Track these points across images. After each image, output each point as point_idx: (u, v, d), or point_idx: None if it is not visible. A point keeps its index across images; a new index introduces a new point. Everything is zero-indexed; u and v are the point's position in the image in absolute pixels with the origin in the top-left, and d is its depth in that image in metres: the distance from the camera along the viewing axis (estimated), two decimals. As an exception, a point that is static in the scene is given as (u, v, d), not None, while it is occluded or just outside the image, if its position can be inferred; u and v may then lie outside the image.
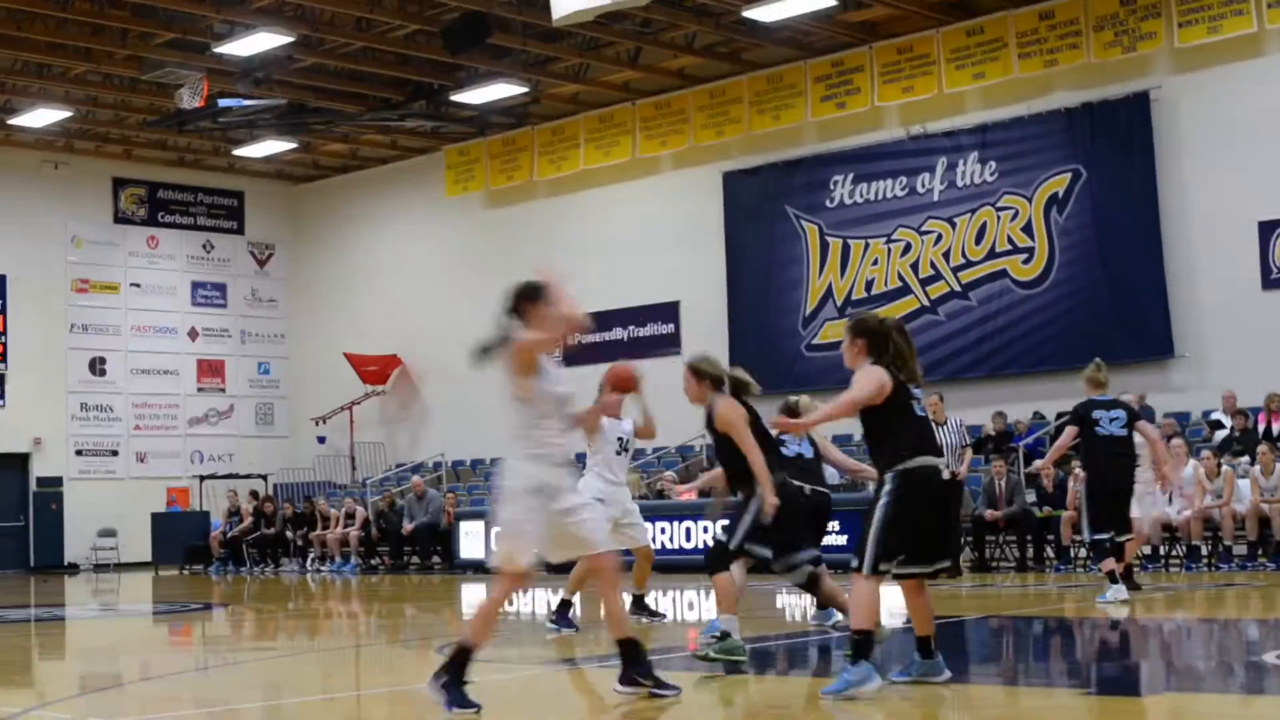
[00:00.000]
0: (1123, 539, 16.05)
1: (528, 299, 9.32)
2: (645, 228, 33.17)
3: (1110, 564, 15.56)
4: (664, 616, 15.57)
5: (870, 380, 9.45)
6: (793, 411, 11.90)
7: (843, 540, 19.97)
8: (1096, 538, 15.76)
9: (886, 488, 9.23)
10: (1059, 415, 26.48)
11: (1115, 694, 9.01)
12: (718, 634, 10.89)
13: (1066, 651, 12.53)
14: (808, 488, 12.64)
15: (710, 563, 11.28)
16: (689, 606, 18.53)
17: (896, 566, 9.22)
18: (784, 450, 12.61)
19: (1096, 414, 15.97)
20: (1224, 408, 24.15)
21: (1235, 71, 26.02)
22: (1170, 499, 21.32)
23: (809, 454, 13.21)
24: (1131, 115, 26.75)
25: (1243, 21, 25.45)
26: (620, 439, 14.71)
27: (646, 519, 25.15)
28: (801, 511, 11.96)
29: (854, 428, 19.28)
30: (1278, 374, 24.10)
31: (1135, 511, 16.88)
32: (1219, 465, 21.72)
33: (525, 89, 32.15)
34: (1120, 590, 15.21)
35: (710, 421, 11.34)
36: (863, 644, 9.10)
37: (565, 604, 14.25)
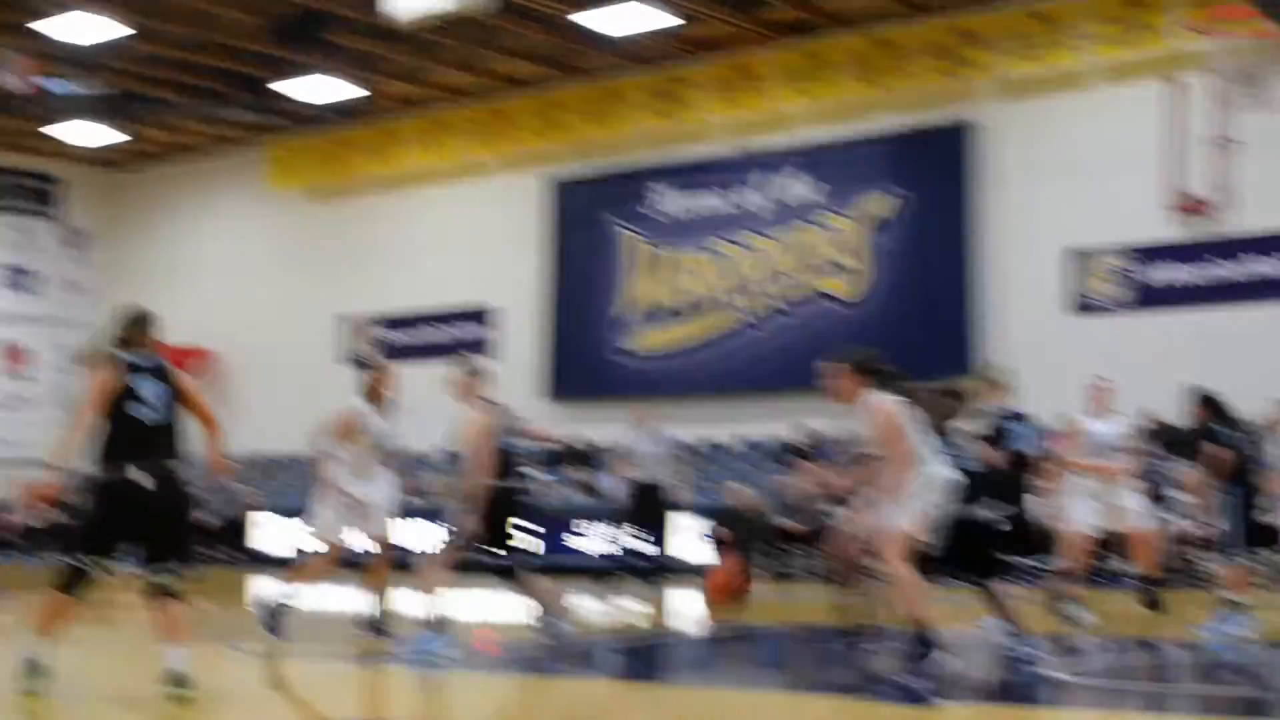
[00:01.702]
0: None
1: None
2: (467, 230, 33.05)
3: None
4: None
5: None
6: None
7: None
8: None
9: None
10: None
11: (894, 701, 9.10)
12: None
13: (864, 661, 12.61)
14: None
15: None
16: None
17: None
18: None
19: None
20: (1028, 431, 24.54)
21: (1056, 104, 26.60)
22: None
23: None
24: (954, 141, 27.23)
25: (1065, 56, 26.03)
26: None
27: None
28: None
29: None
30: (1079, 399, 24.52)
31: None
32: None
33: (356, 86, 31.88)
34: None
35: None
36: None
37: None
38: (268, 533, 28.06)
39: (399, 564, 13.38)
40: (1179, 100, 25.29)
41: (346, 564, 13.37)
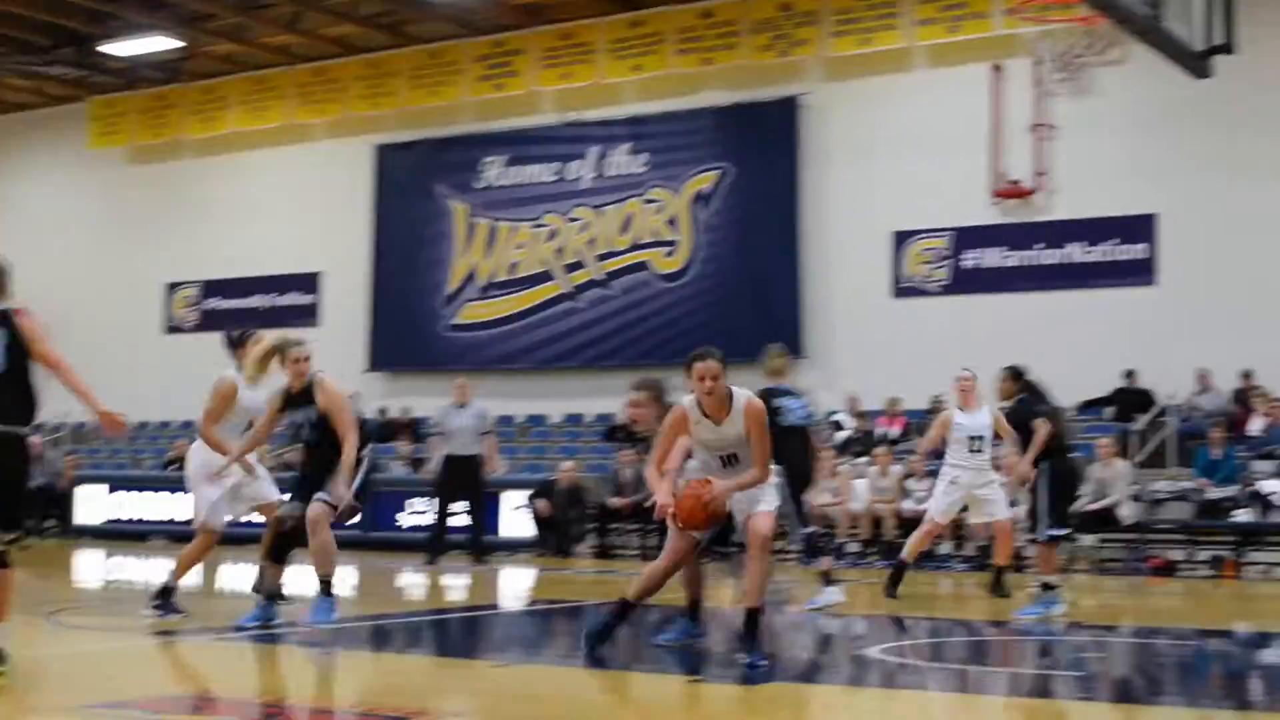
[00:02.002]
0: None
1: None
2: (293, 196, 32.56)
3: (827, 563, 14.37)
4: None
5: None
6: None
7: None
8: (805, 531, 14.73)
9: None
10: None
11: (726, 683, 9.09)
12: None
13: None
14: None
15: None
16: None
17: None
18: None
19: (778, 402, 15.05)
20: (847, 409, 24.80)
21: (882, 84, 26.81)
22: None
23: None
24: (781, 118, 27.33)
25: (892, 37, 26.26)
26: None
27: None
28: None
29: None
30: (900, 379, 24.90)
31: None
32: (838, 465, 22.24)
33: (179, 44, 31.26)
34: (835, 593, 13.90)
35: None
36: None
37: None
38: (86, 502, 27.44)
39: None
40: (1002, 85, 25.64)
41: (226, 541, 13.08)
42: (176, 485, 26.11)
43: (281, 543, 11.49)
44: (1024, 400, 13.98)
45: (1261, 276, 23.61)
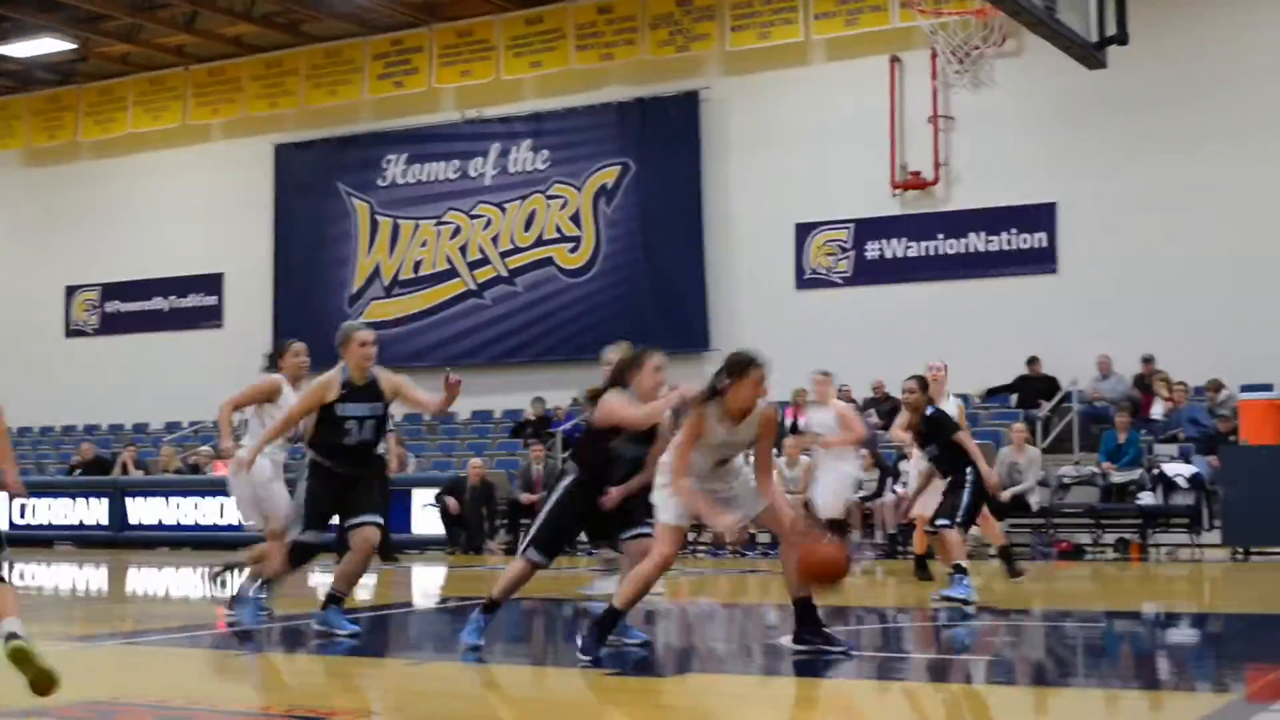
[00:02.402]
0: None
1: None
2: (193, 196, 32.29)
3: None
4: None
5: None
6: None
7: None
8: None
9: None
10: (598, 403, 26.90)
11: (640, 675, 9.11)
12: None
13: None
14: None
15: None
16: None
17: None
18: None
19: None
20: (754, 401, 24.89)
21: (781, 78, 26.95)
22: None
23: None
24: (681, 113, 27.43)
25: (791, 30, 26.39)
26: None
27: (179, 494, 24.79)
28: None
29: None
30: (805, 370, 24.95)
31: None
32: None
33: (73, 45, 30.95)
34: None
35: None
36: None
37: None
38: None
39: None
40: (900, 77, 25.86)
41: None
42: (82, 491, 26.01)
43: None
44: (940, 412, 13.93)
45: (1158, 263, 23.94)
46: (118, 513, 25.35)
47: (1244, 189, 23.61)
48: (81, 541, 25.65)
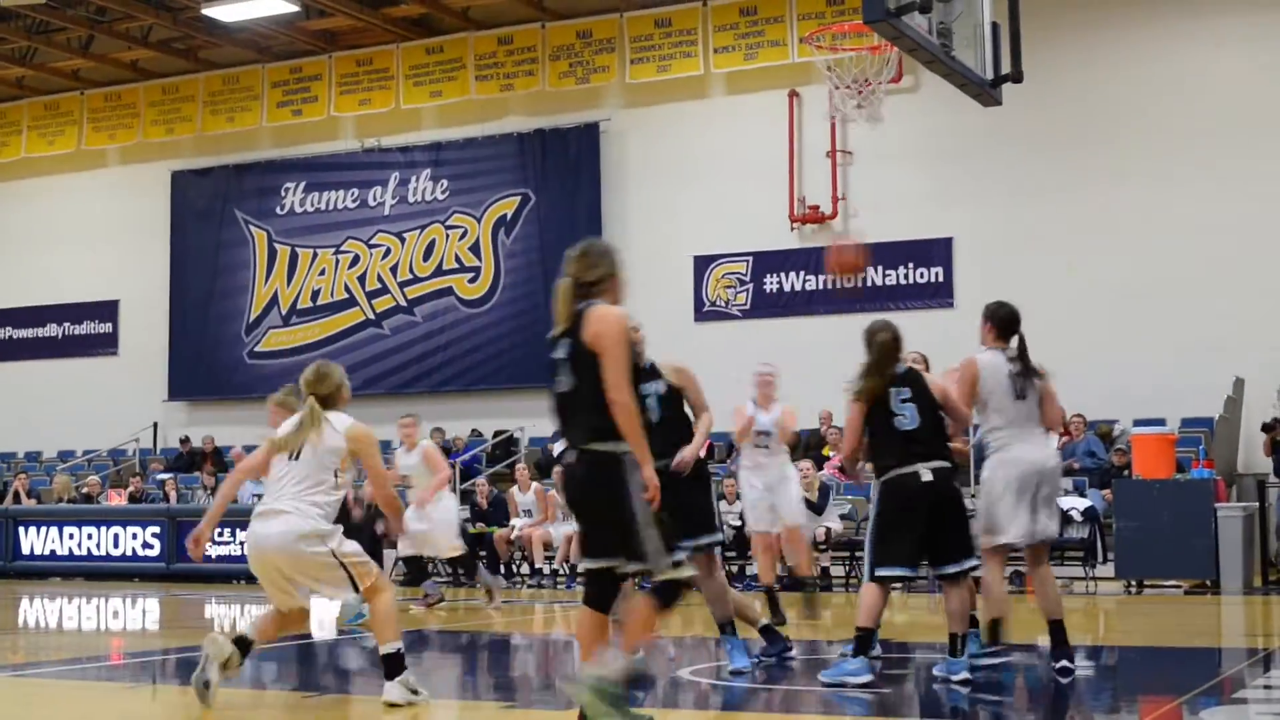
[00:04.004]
0: None
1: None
2: (88, 223, 31.94)
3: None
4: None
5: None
6: None
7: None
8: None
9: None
10: (496, 434, 26.92)
11: (543, 708, 9.09)
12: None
13: (497, 666, 12.60)
14: None
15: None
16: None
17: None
18: None
19: None
20: (652, 432, 24.89)
21: (681, 111, 27.06)
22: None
23: None
24: (581, 144, 27.48)
25: (690, 64, 26.50)
26: None
27: (73, 524, 24.46)
28: None
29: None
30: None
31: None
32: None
33: (-37, 67, 30.61)
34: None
35: None
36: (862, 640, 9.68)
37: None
38: None
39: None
40: (799, 112, 26.04)
41: None
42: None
43: None
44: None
45: (1053, 297, 24.13)
46: (9, 542, 24.98)
47: (1136, 225, 23.95)
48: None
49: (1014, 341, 10.57)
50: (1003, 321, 10.55)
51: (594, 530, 7.63)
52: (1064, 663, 10.02)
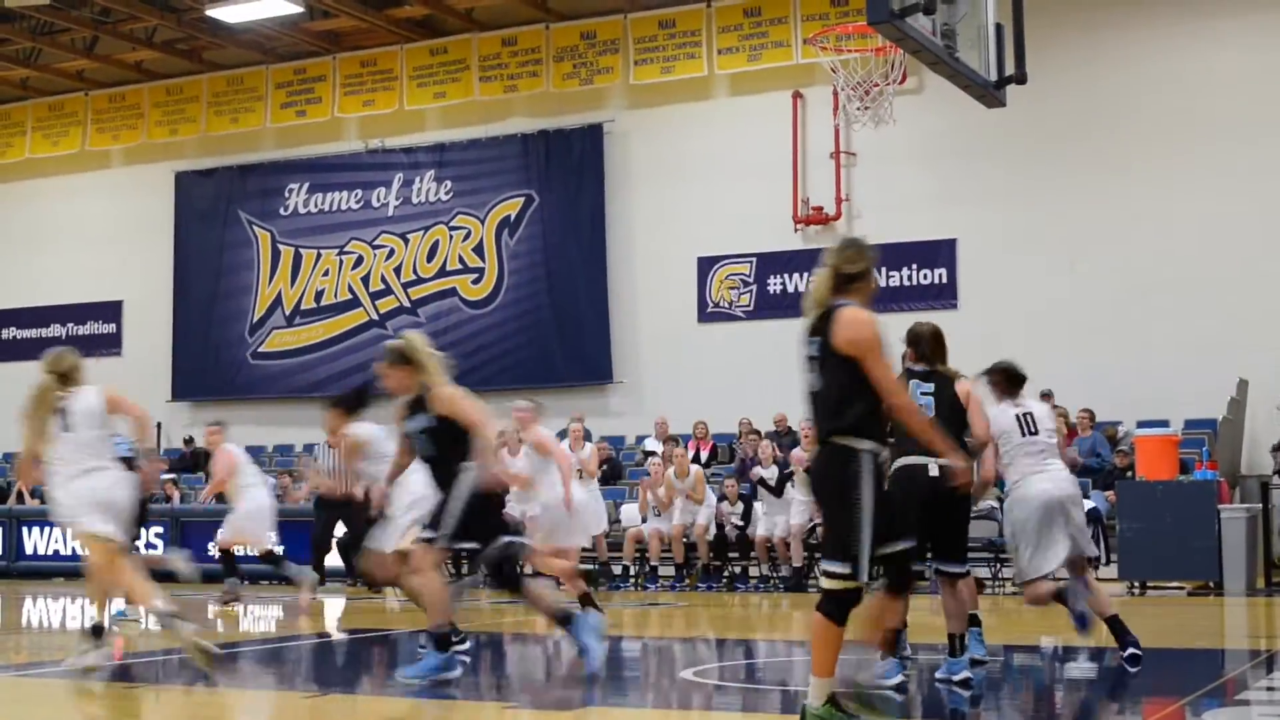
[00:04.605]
0: None
1: None
2: (91, 223, 31.99)
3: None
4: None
5: None
6: None
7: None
8: None
9: None
10: (499, 434, 26.84)
11: (546, 709, 9.08)
12: None
13: (496, 668, 12.59)
14: None
15: None
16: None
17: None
18: None
19: None
20: (656, 433, 24.93)
21: (685, 112, 27.06)
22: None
23: None
24: (585, 145, 27.49)
25: (694, 65, 26.50)
26: None
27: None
28: None
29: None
30: (708, 403, 25.11)
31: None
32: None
33: (-32, 68, 30.64)
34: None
35: None
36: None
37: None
38: None
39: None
40: (803, 113, 26.03)
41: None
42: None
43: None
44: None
45: (1057, 298, 24.19)
46: (13, 542, 24.98)
47: (1140, 226, 23.93)
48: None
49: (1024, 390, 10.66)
50: (1012, 379, 10.74)
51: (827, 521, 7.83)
52: (1131, 650, 10.28)
